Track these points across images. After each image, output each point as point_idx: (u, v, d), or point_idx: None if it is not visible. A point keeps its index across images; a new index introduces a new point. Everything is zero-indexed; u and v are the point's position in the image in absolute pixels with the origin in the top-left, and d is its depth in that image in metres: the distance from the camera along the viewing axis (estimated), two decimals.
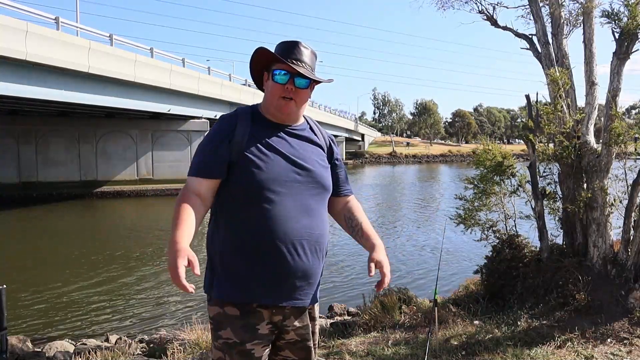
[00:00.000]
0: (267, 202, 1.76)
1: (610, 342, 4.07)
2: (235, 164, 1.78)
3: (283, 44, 1.88)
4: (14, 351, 5.82)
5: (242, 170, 1.77)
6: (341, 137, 63.76)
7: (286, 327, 1.86)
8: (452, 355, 3.91)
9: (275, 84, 1.83)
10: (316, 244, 1.84)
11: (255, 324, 1.79)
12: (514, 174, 5.60)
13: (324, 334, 4.94)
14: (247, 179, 1.76)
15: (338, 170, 2.07)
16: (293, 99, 1.83)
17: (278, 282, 1.79)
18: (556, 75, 5.02)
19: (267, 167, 1.77)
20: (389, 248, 13.85)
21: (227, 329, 1.78)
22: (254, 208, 1.76)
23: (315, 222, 1.84)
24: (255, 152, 1.78)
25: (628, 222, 4.75)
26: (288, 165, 1.81)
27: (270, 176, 1.77)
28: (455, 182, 31.85)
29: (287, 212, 1.77)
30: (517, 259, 5.24)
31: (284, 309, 1.83)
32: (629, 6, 4.69)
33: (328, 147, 2.03)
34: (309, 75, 1.83)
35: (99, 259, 12.73)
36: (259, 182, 1.76)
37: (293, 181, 1.81)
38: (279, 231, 1.75)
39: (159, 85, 22.43)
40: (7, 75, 15.39)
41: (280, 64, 1.81)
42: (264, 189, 1.76)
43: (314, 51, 1.91)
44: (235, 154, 1.78)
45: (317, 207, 1.87)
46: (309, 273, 1.83)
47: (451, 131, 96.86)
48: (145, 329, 7.64)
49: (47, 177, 27.41)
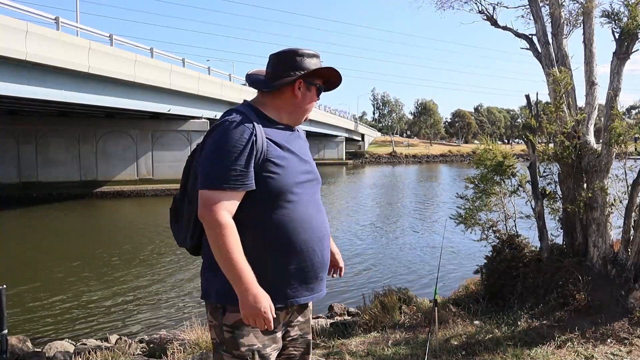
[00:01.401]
0: (291, 204, 1.80)
1: (610, 342, 4.07)
2: (260, 171, 1.76)
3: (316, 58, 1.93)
4: (14, 351, 5.82)
5: (266, 176, 1.76)
6: (341, 137, 63.80)
7: (292, 323, 1.91)
8: (452, 355, 3.91)
9: (314, 97, 1.94)
10: (329, 236, 1.96)
11: (275, 329, 1.80)
12: (514, 174, 5.60)
13: (324, 334, 4.94)
14: (271, 184, 1.77)
15: None
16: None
17: (310, 279, 1.85)
18: (559, 75, 5.02)
19: (287, 169, 1.80)
20: (389, 248, 13.85)
21: (250, 335, 1.76)
22: (280, 211, 1.78)
23: (324, 216, 1.95)
24: (276, 156, 1.79)
25: (628, 222, 4.75)
26: (301, 165, 1.87)
27: (290, 178, 1.80)
28: (456, 182, 31.86)
29: (308, 211, 1.84)
30: (517, 259, 5.23)
31: (293, 305, 1.87)
32: (629, 6, 4.69)
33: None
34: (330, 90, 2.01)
35: (99, 259, 12.73)
36: (282, 185, 1.78)
37: (305, 180, 1.87)
38: (307, 230, 1.82)
39: (159, 85, 22.43)
40: (7, 75, 15.39)
41: (321, 80, 1.94)
42: (287, 191, 1.79)
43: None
44: (258, 161, 1.76)
45: (321, 202, 1.97)
46: (327, 265, 1.96)
47: (451, 131, 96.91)
48: (145, 329, 7.65)
49: (47, 177, 27.40)
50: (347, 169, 56.64)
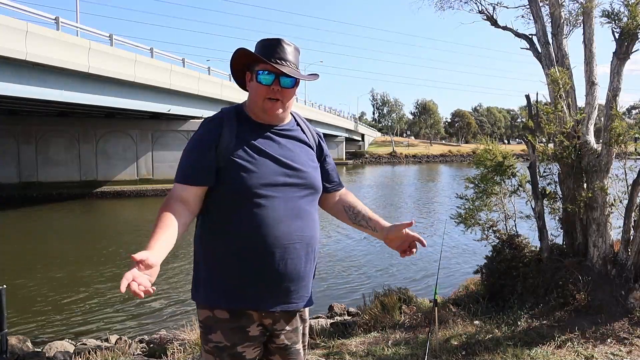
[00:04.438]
0: (257, 206, 1.72)
1: (610, 342, 4.07)
2: (224, 169, 1.74)
3: (265, 42, 1.82)
4: (14, 351, 5.82)
5: (231, 175, 1.73)
6: (341, 137, 63.78)
7: (276, 330, 1.84)
8: (452, 355, 3.91)
9: (260, 85, 1.78)
10: (308, 247, 1.81)
11: (246, 327, 1.77)
12: (514, 174, 5.60)
13: (324, 334, 4.94)
14: (236, 184, 1.72)
15: (328, 167, 2.01)
16: (279, 99, 1.79)
17: (270, 287, 1.76)
18: (557, 75, 5.02)
19: (256, 170, 1.73)
20: (389, 248, 13.81)
21: (218, 332, 1.76)
22: (244, 212, 1.72)
23: (306, 224, 1.81)
24: (243, 156, 1.74)
25: (628, 222, 4.75)
26: (277, 167, 1.77)
27: (259, 180, 1.73)
28: (456, 181, 31.85)
29: (278, 216, 1.74)
30: (517, 259, 5.24)
31: (274, 313, 1.81)
32: (629, 6, 4.69)
33: (317, 145, 1.98)
34: (295, 75, 1.78)
35: (99, 259, 12.72)
36: (248, 186, 1.72)
37: (283, 184, 1.77)
38: (270, 235, 1.72)
39: (159, 85, 22.43)
40: (7, 75, 15.38)
41: (264, 64, 1.76)
42: (254, 193, 1.72)
43: (297, 47, 1.85)
44: (222, 159, 1.74)
45: (308, 209, 1.84)
46: (302, 276, 1.81)
47: (451, 131, 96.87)
48: (145, 329, 7.64)
49: (47, 177, 27.41)
50: (347, 169, 56.61)
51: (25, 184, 26.93)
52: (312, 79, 1.92)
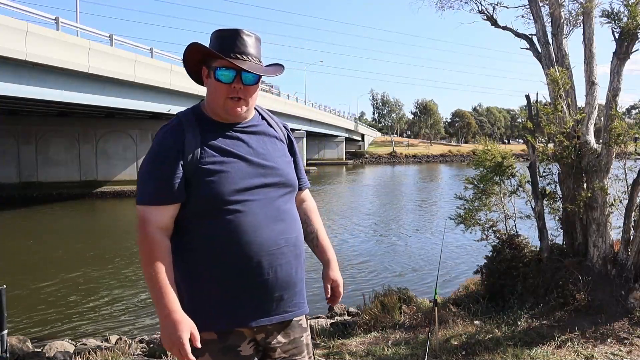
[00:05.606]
0: (234, 214, 1.57)
1: (610, 342, 4.07)
2: (192, 179, 1.57)
3: (221, 34, 1.64)
4: (14, 351, 5.82)
5: (201, 185, 1.57)
6: (341, 137, 63.81)
7: (270, 344, 1.69)
8: (452, 355, 3.91)
9: (219, 83, 1.61)
10: (295, 248, 1.68)
11: (237, 346, 1.62)
12: (513, 174, 5.60)
13: (324, 333, 4.94)
14: (207, 193, 1.57)
15: (297, 161, 1.84)
16: (242, 97, 1.63)
17: (262, 299, 1.62)
18: (556, 75, 5.02)
19: (228, 175, 1.58)
20: (390, 248, 13.85)
21: (206, 355, 1.59)
22: (220, 223, 1.57)
23: (289, 225, 1.67)
24: (212, 162, 1.59)
25: (628, 222, 4.75)
26: (250, 168, 1.63)
27: (233, 185, 1.58)
28: (456, 181, 31.85)
29: (258, 221, 1.59)
30: (517, 259, 5.24)
31: (266, 325, 1.66)
32: (629, 6, 4.68)
33: (287, 138, 1.83)
34: (258, 71, 1.61)
35: (99, 259, 12.72)
36: (221, 193, 1.56)
37: (259, 185, 1.63)
38: (253, 243, 1.58)
39: (159, 85, 22.43)
40: (7, 75, 15.38)
41: (222, 60, 1.59)
42: (228, 201, 1.57)
43: (258, 37, 1.68)
44: (191, 168, 1.57)
45: (288, 208, 1.70)
46: (294, 281, 1.68)
47: (451, 131, 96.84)
48: (146, 329, 7.64)
49: (47, 177, 27.39)
50: (347, 169, 56.62)
51: (25, 184, 26.92)
52: (277, 72, 1.72)
